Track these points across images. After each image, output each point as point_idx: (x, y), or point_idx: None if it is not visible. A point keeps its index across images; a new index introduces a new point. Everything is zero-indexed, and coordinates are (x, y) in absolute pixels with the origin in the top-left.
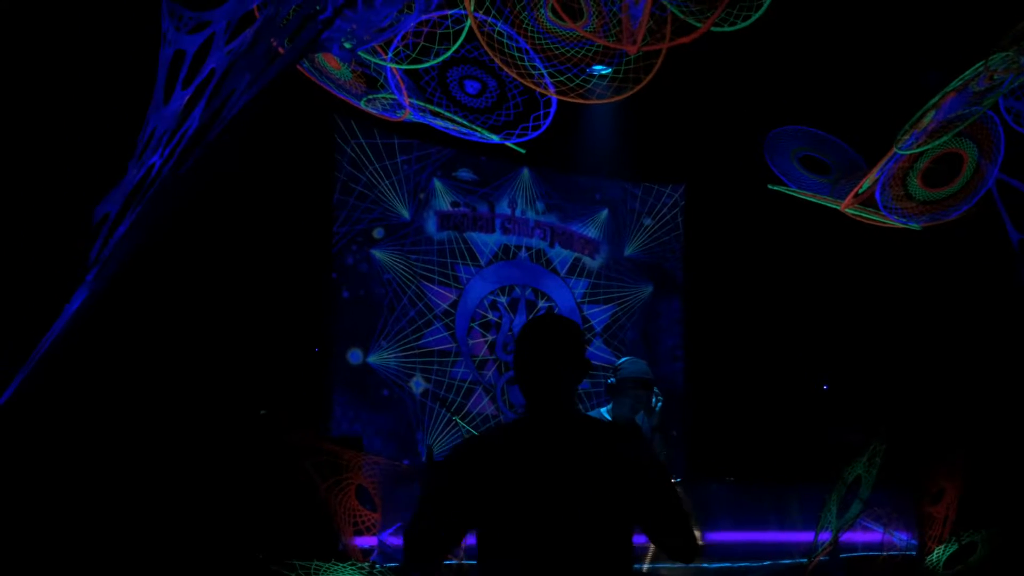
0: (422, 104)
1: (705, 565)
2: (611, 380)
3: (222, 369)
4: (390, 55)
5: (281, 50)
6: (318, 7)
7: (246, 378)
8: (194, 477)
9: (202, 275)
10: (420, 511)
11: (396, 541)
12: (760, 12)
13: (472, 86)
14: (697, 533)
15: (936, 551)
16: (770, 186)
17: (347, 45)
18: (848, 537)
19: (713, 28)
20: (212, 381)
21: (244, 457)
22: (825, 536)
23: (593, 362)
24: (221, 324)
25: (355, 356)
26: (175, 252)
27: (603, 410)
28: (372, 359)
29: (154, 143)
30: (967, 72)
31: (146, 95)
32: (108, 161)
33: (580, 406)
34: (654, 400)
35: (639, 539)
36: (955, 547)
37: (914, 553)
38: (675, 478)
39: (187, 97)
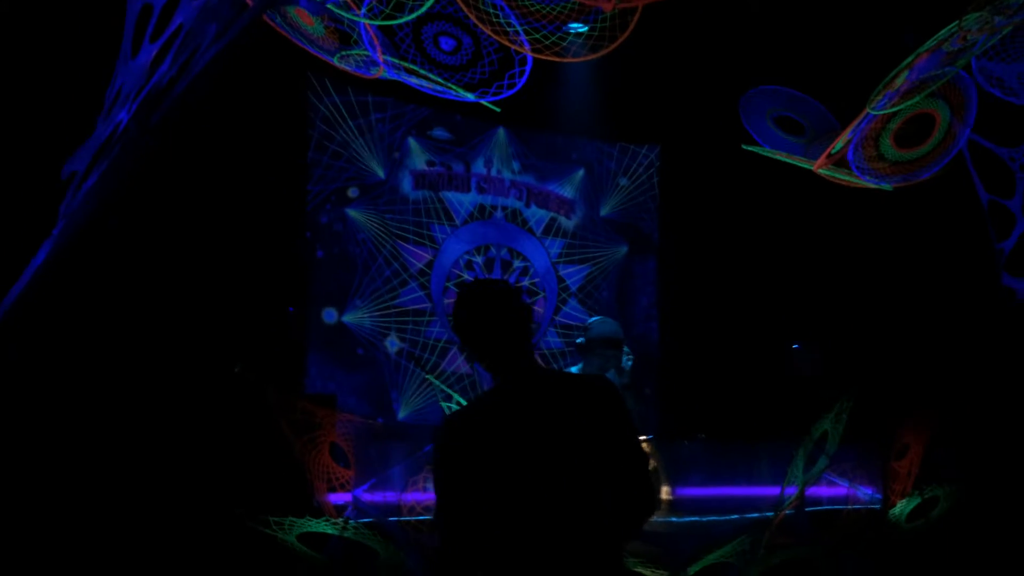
0: (396, 61)
1: (674, 519)
2: (580, 340)
3: (195, 327)
4: (363, 10)
5: (249, 1)
6: None
7: (220, 336)
8: (168, 434)
9: (174, 232)
10: (442, 506)
11: (369, 497)
12: None
13: (447, 43)
14: (667, 488)
15: (899, 505)
16: (744, 146)
17: None
18: (814, 491)
19: None
20: (185, 339)
21: (218, 414)
22: (791, 490)
23: (568, 322)
24: (194, 282)
25: (330, 315)
26: (147, 209)
27: (573, 369)
28: (347, 318)
29: (122, 98)
30: (941, 32)
31: (114, 49)
32: (76, 117)
33: (554, 365)
34: (624, 359)
35: None
36: (917, 501)
37: (878, 507)
38: (647, 435)
39: (155, 51)
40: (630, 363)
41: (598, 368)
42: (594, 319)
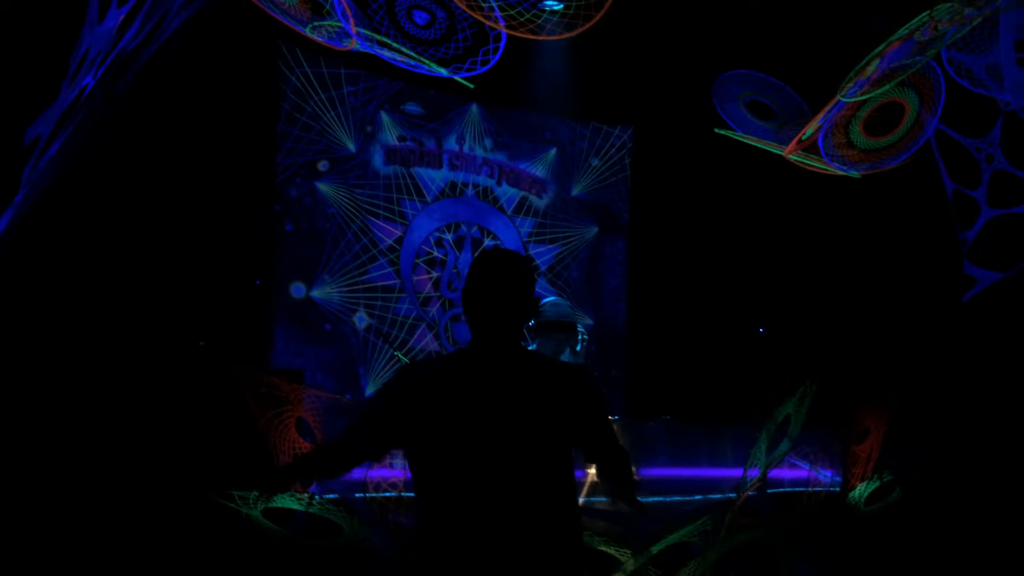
0: (369, 34)
1: (639, 499)
2: (531, 322)
3: (161, 300)
4: None
5: None
6: None
7: (186, 310)
8: (132, 408)
9: (139, 203)
10: (354, 422)
11: None
12: None
13: (421, 17)
14: (633, 468)
15: (858, 488)
16: (716, 130)
17: None
18: (776, 473)
19: None
20: (151, 312)
21: (183, 388)
22: (754, 472)
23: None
24: (159, 254)
25: (298, 290)
26: (112, 179)
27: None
28: (315, 293)
29: (87, 63)
30: (912, 21)
31: (80, 14)
32: (40, 81)
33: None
34: (579, 339)
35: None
36: (876, 484)
37: (838, 490)
38: (613, 416)
39: (122, 16)
40: (583, 344)
41: (551, 350)
42: (546, 301)
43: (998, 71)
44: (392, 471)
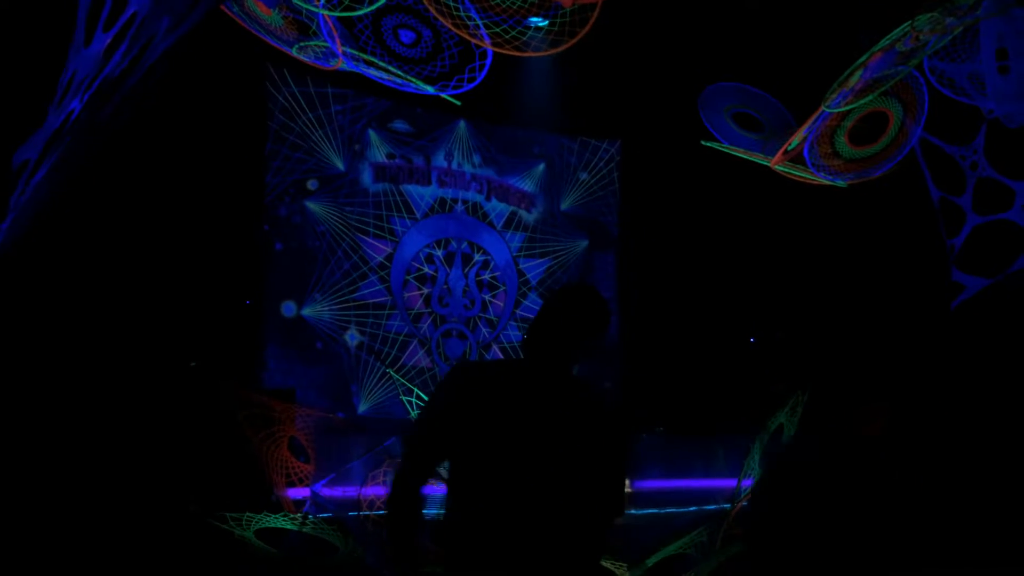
0: (356, 53)
1: (634, 512)
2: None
3: (152, 321)
4: (322, 1)
5: None
6: None
7: (177, 330)
8: (125, 429)
9: (131, 226)
10: (418, 432)
11: (329, 492)
12: None
13: (407, 35)
14: (627, 481)
15: None
16: (703, 142)
17: None
18: None
19: None
20: (142, 333)
21: (175, 409)
22: (748, 483)
23: (529, 316)
24: (149, 275)
25: (289, 309)
26: (100, 201)
27: None
28: (306, 312)
29: (74, 87)
30: (894, 32)
31: (66, 38)
32: (27, 105)
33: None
34: None
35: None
36: None
37: None
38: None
39: (108, 40)
40: None
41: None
42: None
43: (980, 79)
44: (386, 489)
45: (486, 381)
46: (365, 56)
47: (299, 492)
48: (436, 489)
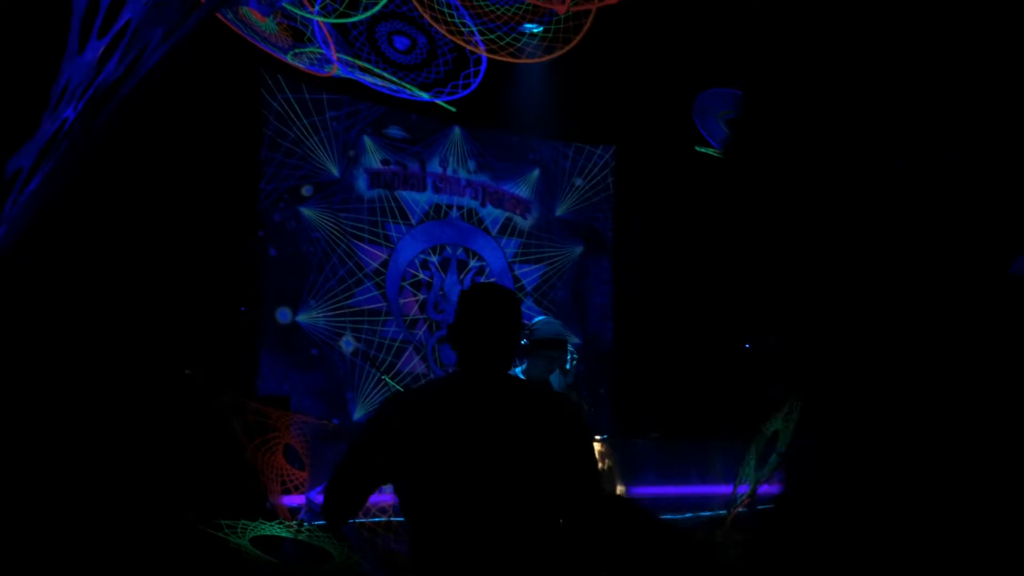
0: (350, 59)
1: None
2: (524, 341)
3: (146, 328)
4: (317, 8)
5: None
6: None
7: (171, 337)
8: (119, 437)
9: (125, 232)
10: (346, 461)
11: (321, 499)
12: None
13: (401, 42)
14: (622, 488)
15: None
16: (697, 148)
17: None
18: (765, 489)
19: None
20: (136, 340)
21: (169, 417)
22: (744, 488)
23: (524, 322)
24: (145, 282)
25: (284, 315)
26: (95, 208)
27: (517, 370)
28: (301, 318)
29: (68, 95)
30: None
31: (60, 45)
32: (21, 113)
33: None
34: (568, 358)
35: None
36: None
37: None
38: (601, 435)
39: (102, 48)
40: (574, 363)
41: (542, 369)
42: (537, 320)
43: None
44: (381, 496)
45: (422, 403)
46: (360, 62)
47: (294, 499)
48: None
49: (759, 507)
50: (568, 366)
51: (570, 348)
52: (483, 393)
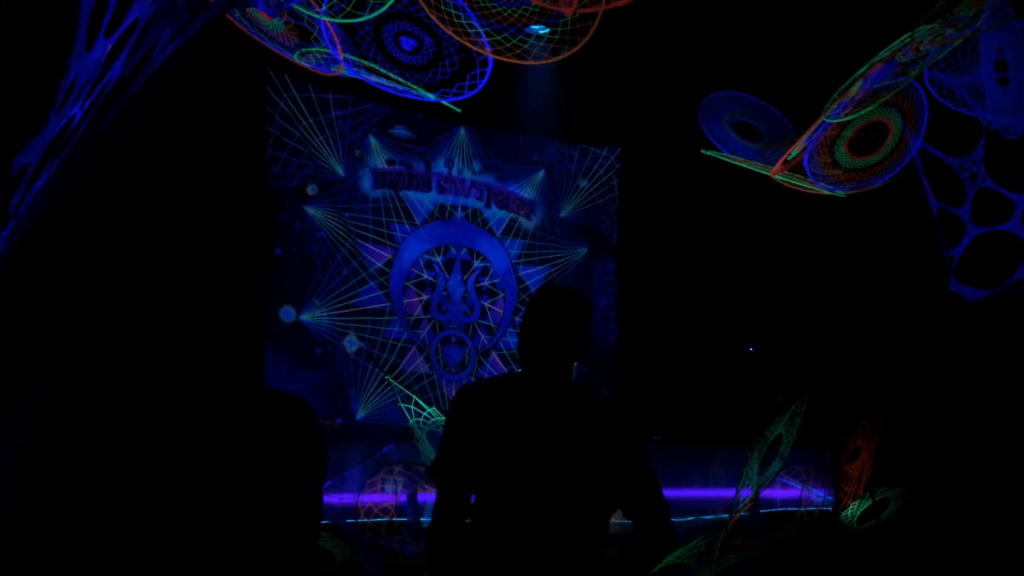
0: (357, 59)
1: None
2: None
3: (148, 326)
4: (324, 8)
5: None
6: None
7: (173, 335)
8: (119, 435)
9: (128, 229)
10: (444, 463)
11: (326, 499)
12: None
13: (408, 43)
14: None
15: (851, 507)
16: (703, 151)
17: None
18: (768, 493)
19: None
20: (139, 340)
21: (173, 414)
22: (746, 492)
23: None
24: (147, 280)
25: (288, 314)
26: (100, 206)
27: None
28: (305, 317)
29: (75, 93)
30: (894, 43)
31: (68, 42)
32: (28, 110)
33: (513, 366)
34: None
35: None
36: (869, 503)
37: (830, 508)
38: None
39: (110, 46)
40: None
41: None
42: None
43: (980, 91)
44: (383, 496)
45: (491, 399)
46: (366, 63)
47: None
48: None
49: (761, 511)
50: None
51: None
52: (545, 396)
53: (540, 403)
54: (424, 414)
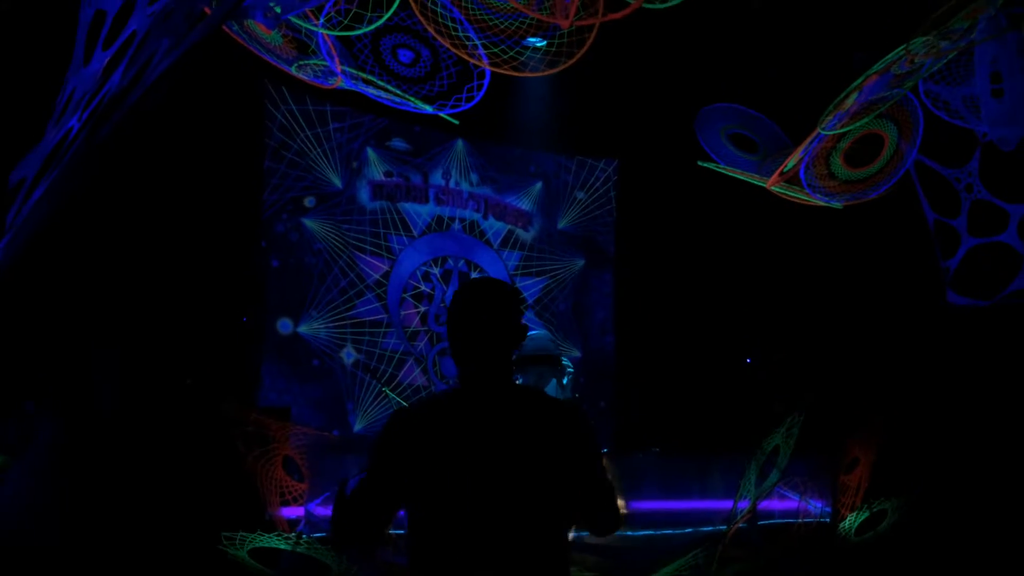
0: (354, 72)
1: (630, 533)
2: (515, 355)
3: (148, 337)
4: (321, 21)
5: (208, 10)
6: None
7: (173, 347)
8: (117, 446)
9: (128, 241)
10: (357, 485)
11: (323, 511)
12: None
13: (405, 55)
14: (622, 502)
15: (848, 518)
16: (699, 163)
17: (276, 9)
18: (766, 505)
19: (645, 5)
20: (137, 350)
21: (169, 426)
22: (744, 504)
23: None
24: (147, 291)
25: (285, 326)
26: (99, 216)
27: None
28: (302, 329)
29: (73, 105)
30: (889, 55)
31: (66, 55)
32: (25, 122)
33: None
34: (564, 373)
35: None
36: (866, 515)
37: (828, 520)
38: (602, 449)
39: (107, 59)
40: (569, 377)
41: (533, 383)
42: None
43: (975, 103)
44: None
45: (421, 419)
46: (364, 75)
47: (293, 511)
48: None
49: (759, 523)
50: (565, 380)
51: (566, 362)
52: (481, 405)
53: (480, 417)
54: None
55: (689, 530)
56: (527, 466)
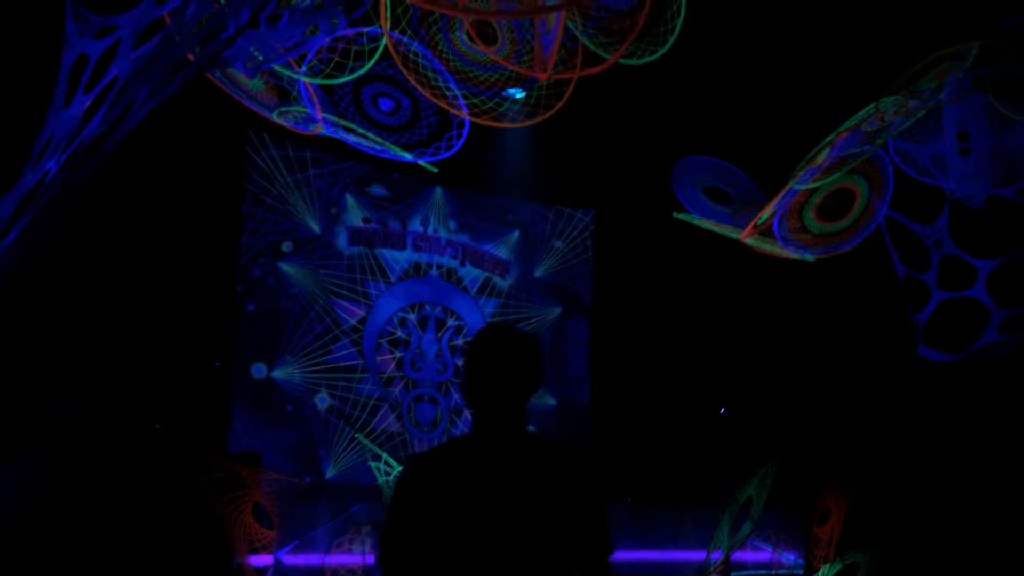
0: (335, 119)
1: None
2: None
3: (118, 380)
4: (303, 69)
5: (191, 56)
6: (221, 25)
7: (142, 390)
8: (84, 492)
9: (101, 282)
10: (385, 534)
11: (292, 560)
12: (665, 48)
13: (386, 104)
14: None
15: (821, 570)
16: (675, 214)
17: (259, 57)
18: (739, 556)
19: (622, 60)
20: (107, 393)
21: (137, 472)
22: (717, 555)
23: None
24: (119, 333)
25: (259, 370)
26: (75, 256)
27: None
28: (276, 374)
29: (51, 148)
30: (860, 113)
31: (47, 98)
32: (3, 164)
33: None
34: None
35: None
36: (839, 567)
37: (800, 572)
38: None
39: (88, 102)
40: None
41: None
42: None
43: (943, 160)
44: (351, 557)
45: (437, 468)
46: (345, 122)
47: (262, 559)
48: None
49: (733, 574)
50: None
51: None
52: (492, 455)
53: (493, 466)
54: (394, 473)
55: None
56: (540, 517)
